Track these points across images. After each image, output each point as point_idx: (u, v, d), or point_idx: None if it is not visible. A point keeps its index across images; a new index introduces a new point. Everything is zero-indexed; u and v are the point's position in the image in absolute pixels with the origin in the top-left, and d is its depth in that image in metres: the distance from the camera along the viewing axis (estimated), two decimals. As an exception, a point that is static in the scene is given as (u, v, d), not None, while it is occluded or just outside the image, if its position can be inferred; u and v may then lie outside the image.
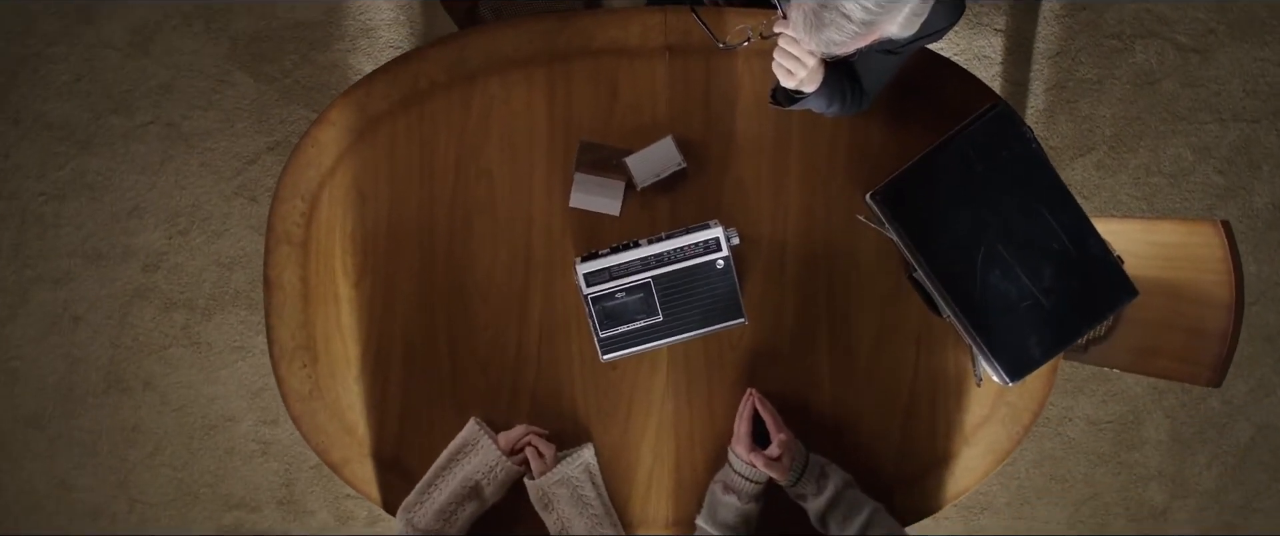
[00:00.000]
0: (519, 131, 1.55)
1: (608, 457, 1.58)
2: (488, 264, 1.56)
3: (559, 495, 1.51)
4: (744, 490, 1.48)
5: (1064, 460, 2.42)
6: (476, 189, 1.56)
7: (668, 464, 1.58)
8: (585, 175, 1.53)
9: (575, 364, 1.57)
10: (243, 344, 2.36)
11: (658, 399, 1.58)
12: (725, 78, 1.55)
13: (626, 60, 1.55)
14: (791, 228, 1.56)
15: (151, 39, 2.29)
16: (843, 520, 1.44)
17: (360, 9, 2.29)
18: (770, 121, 1.55)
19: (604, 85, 1.55)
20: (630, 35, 1.54)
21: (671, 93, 1.55)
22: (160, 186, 2.32)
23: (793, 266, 1.57)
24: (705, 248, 1.45)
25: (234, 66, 2.30)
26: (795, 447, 1.47)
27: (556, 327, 1.57)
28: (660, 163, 1.51)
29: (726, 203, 1.56)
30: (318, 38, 2.30)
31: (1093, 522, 2.43)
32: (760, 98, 1.54)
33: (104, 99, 2.30)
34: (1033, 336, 1.46)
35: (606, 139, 1.55)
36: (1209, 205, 2.36)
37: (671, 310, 1.47)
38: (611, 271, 1.45)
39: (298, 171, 1.56)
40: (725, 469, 1.52)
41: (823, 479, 1.47)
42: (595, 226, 1.56)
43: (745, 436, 1.48)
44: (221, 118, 2.31)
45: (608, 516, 1.55)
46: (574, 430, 1.58)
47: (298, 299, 1.56)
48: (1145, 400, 2.40)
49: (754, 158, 1.55)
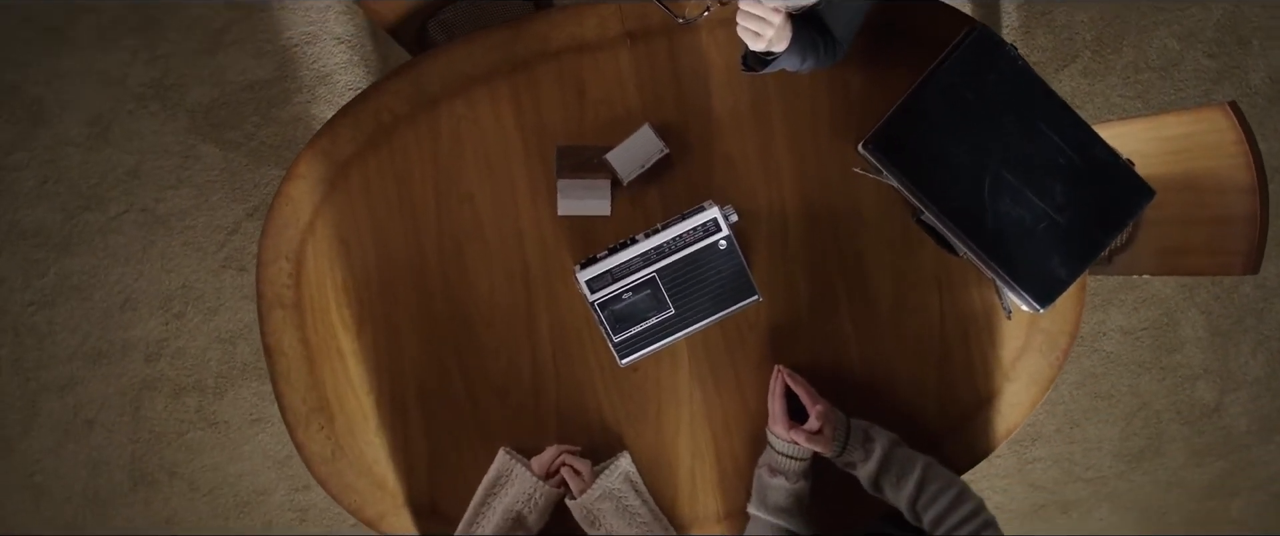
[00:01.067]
0: (493, 148, 1.51)
1: (646, 462, 1.53)
2: (486, 289, 1.51)
3: (604, 510, 1.47)
4: (790, 469, 1.43)
5: (1105, 376, 2.36)
6: (461, 215, 1.51)
7: (708, 457, 1.53)
8: (568, 180, 1.48)
9: (594, 373, 1.52)
10: (259, 415, 2.32)
11: (685, 393, 1.53)
12: (691, 54, 1.49)
13: (588, 55, 1.50)
14: (788, 194, 1.51)
15: (109, 127, 2.24)
16: (897, 481, 1.39)
17: (312, 58, 2.24)
18: (746, 90, 1.50)
19: (570, 85, 1.50)
20: (587, 30, 1.49)
21: (640, 80, 1.50)
22: (147, 274, 2.28)
23: (796, 233, 1.51)
24: (705, 231, 1.40)
25: (197, 139, 2.25)
26: (834, 416, 1.42)
27: (569, 340, 1.52)
28: (642, 153, 1.46)
29: (717, 181, 1.51)
30: (274, 95, 2.25)
31: (1146, 433, 2.38)
32: (731, 67, 1.49)
33: (74, 197, 2.26)
34: (1055, 257, 1.40)
35: (582, 139, 1.50)
36: (1205, 91, 2.30)
37: (682, 301, 1.42)
38: (613, 273, 1.41)
39: (276, 233, 1.51)
40: (767, 451, 1.47)
41: (868, 443, 1.42)
42: (589, 230, 1.51)
43: (781, 415, 1.43)
44: (195, 193, 2.27)
45: (657, 521, 1.50)
46: (606, 441, 1.53)
47: (302, 362, 1.52)
48: (1176, 300, 2.34)
49: (736, 130, 1.50)
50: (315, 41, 2.24)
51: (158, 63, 2.23)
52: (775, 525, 1.43)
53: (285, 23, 2.23)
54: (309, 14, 2.23)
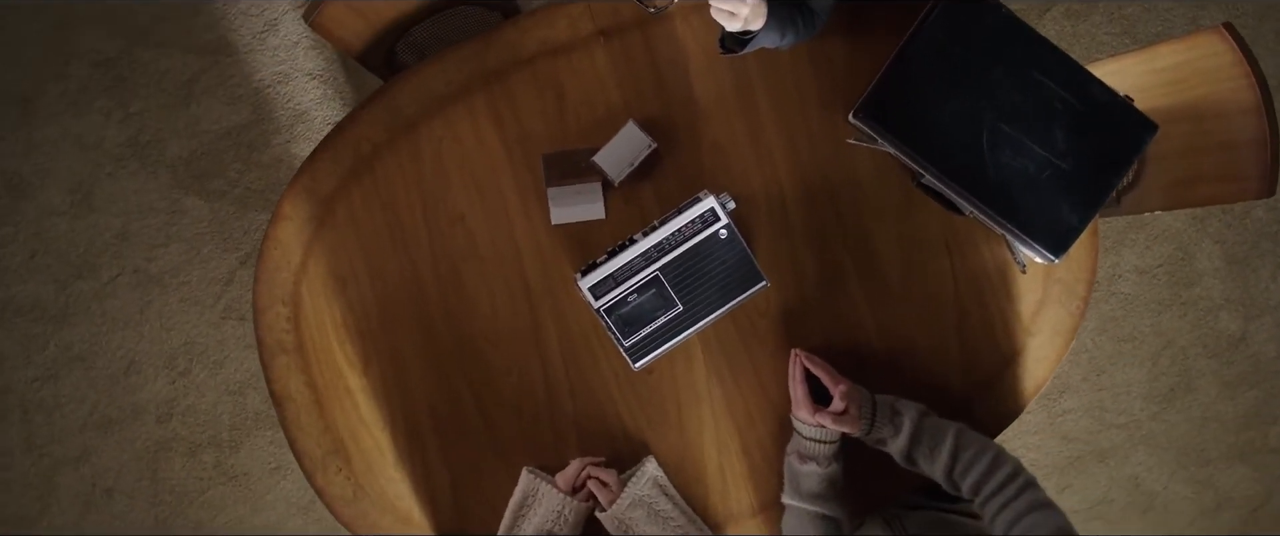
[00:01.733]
0: (477, 165, 1.47)
1: (672, 464, 1.50)
2: (488, 308, 1.48)
3: (636, 518, 1.43)
4: (820, 454, 1.40)
5: (1126, 319, 2.32)
6: (453, 237, 1.48)
7: (734, 452, 1.50)
8: (558, 188, 1.45)
9: (609, 381, 1.49)
10: (278, 463, 2.29)
11: (703, 390, 1.49)
12: (667, 43, 1.46)
13: (563, 58, 1.46)
14: (783, 174, 1.47)
15: (91, 192, 2.22)
16: (930, 452, 1.36)
17: (286, 97, 2.21)
18: (727, 73, 1.46)
19: (548, 90, 1.46)
20: (558, 32, 1.46)
21: (618, 76, 1.46)
22: (147, 335, 2.25)
23: (797, 212, 1.48)
24: (703, 222, 1.37)
25: (181, 193, 2.22)
26: (859, 394, 1.39)
27: (579, 350, 1.48)
28: (630, 150, 1.42)
29: (709, 169, 1.47)
30: (253, 138, 2.22)
31: (1174, 371, 2.34)
32: (709, 52, 1.46)
33: (65, 267, 2.23)
34: (1064, 205, 1.37)
35: (567, 144, 1.47)
36: (1191, 18, 2.26)
37: (689, 296, 1.39)
38: (615, 276, 1.37)
39: (269, 278, 1.48)
40: (794, 438, 1.43)
41: (896, 417, 1.38)
42: (585, 236, 1.48)
43: (804, 399, 1.39)
44: (185, 248, 2.23)
45: (691, 523, 1.47)
46: (630, 447, 1.50)
47: (311, 405, 1.48)
48: (1188, 233, 2.30)
49: (722, 115, 1.47)
50: (287, 80, 2.21)
51: (131, 121, 2.20)
52: (812, 512, 1.39)
53: (254, 65, 2.20)
54: (277, 53, 2.20)
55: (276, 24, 2.19)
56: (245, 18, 2.19)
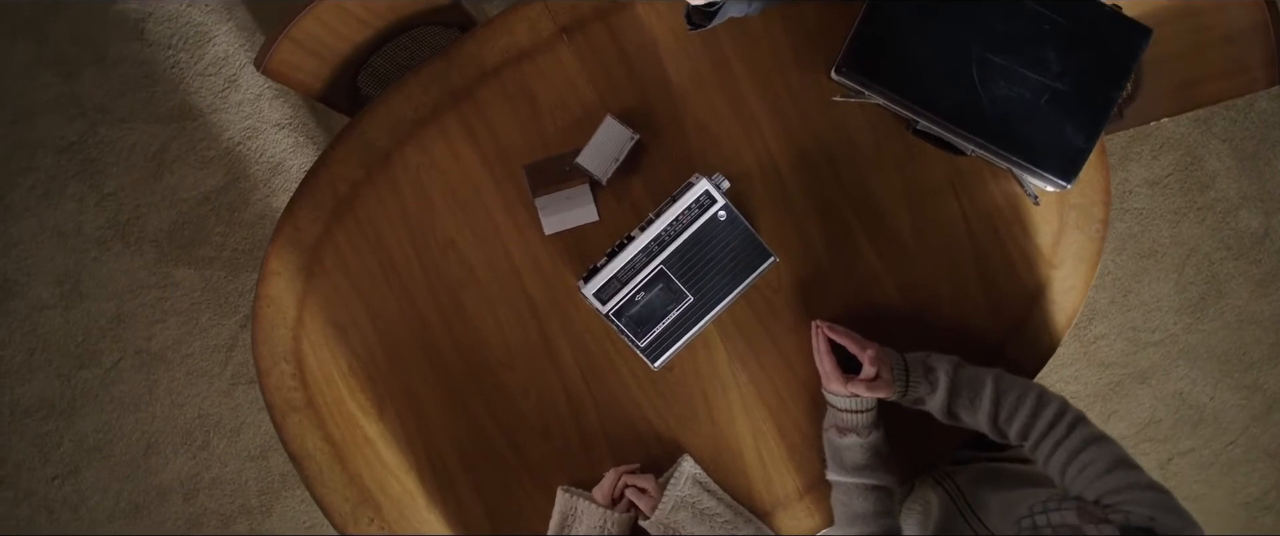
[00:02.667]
0: (459, 187, 1.42)
1: (709, 458, 1.45)
2: (495, 331, 1.43)
3: (681, 520, 1.38)
4: (858, 424, 1.34)
5: (1143, 234, 2.26)
6: (448, 264, 1.43)
7: (770, 436, 1.45)
8: (546, 197, 1.40)
9: (631, 385, 1.44)
10: (313, 521, 2.24)
11: (729, 378, 1.44)
12: (633, 30, 1.41)
13: (529, 63, 1.41)
14: (773, 144, 1.42)
15: (79, 280, 2.17)
16: (970, 404, 1.30)
17: (258, 152, 2.17)
18: (700, 50, 1.41)
19: (519, 99, 1.41)
20: (519, 37, 1.41)
21: (588, 72, 1.41)
22: (160, 414, 2.21)
23: (794, 181, 1.43)
24: (700, 207, 1.32)
25: (169, 266, 2.18)
26: (889, 357, 1.34)
27: (595, 359, 1.44)
28: (613, 146, 1.37)
29: (697, 152, 1.42)
30: (232, 199, 2.17)
31: (1201, 278, 2.28)
32: (677, 32, 1.40)
33: (66, 359, 2.19)
34: (1067, 127, 1.31)
35: (548, 150, 1.42)
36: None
37: (698, 285, 1.34)
38: (619, 277, 1.32)
39: (267, 338, 1.43)
40: (829, 412, 1.38)
41: (930, 373, 1.33)
42: (582, 241, 1.43)
43: (833, 371, 1.34)
44: (183, 321, 2.19)
45: (738, 516, 1.42)
46: (663, 449, 1.45)
47: (332, 460, 1.44)
48: (1194, 136, 2.24)
49: (702, 94, 1.41)
50: (256, 134, 2.16)
51: (107, 202, 2.16)
52: (860, 484, 1.34)
53: (221, 125, 2.15)
54: (242, 109, 2.15)
55: (236, 79, 2.15)
56: (204, 78, 2.14)
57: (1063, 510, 1.19)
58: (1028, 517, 1.22)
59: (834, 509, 1.39)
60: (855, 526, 1.35)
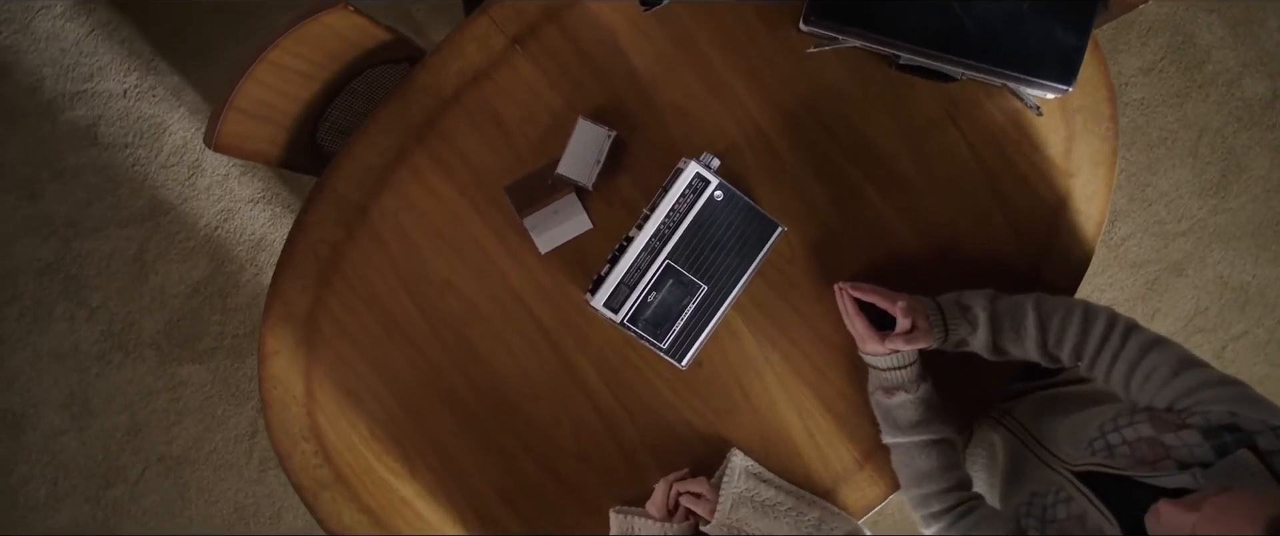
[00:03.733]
0: (443, 224, 1.36)
1: (758, 447, 1.38)
2: (511, 365, 1.37)
3: (743, 518, 1.32)
4: (904, 380, 1.28)
5: (1149, 124, 2.19)
6: (448, 306, 1.36)
7: (816, 412, 1.38)
8: (533, 215, 1.33)
9: (661, 389, 1.37)
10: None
11: (761, 360, 1.37)
12: (586, 25, 1.34)
13: (486, 81, 1.35)
14: (756, 111, 1.35)
15: (87, 400, 2.12)
16: (1015, 335, 1.24)
17: (237, 232, 2.11)
18: (660, 31, 1.34)
19: (484, 120, 1.35)
20: (471, 57, 1.34)
21: (549, 78, 1.35)
22: (197, 516, 2.15)
23: (785, 145, 1.36)
24: (694, 191, 1.25)
25: (174, 366, 2.12)
26: (921, 304, 1.27)
27: (619, 371, 1.37)
28: (591, 148, 1.31)
29: (679, 136, 1.35)
30: (221, 286, 2.12)
31: (1218, 156, 2.20)
32: (632, 15, 1.34)
33: (91, 481, 2.14)
34: (1056, 29, 1.24)
35: (525, 167, 1.35)
36: None
37: (709, 273, 1.27)
38: (626, 282, 1.25)
39: (281, 420, 1.37)
40: (872, 375, 1.31)
41: (967, 312, 1.26)
42: (580, 252, 1.36)
43: (867, 332, 1.27)
44: (199, 418, 2.14)
45: (801, 500, 1.35)
46: (708, 448, 1.38)
47: (373, 528, 1.38)
48: (1179, 14, 2.16)
49: (672, 75, 1.35)
50: (232, 215, 2.10)
51: (98, 315, 2.10)
52: (919, 442, 1.28)
53: (195, 213, 2.10)
54: (211, 192, 2.10)
55: (199, 164, 2.09)
56: (167, 170, 2.09)
57: (1135, 423, 1.13)
58: (1099, 438, 1.15)
59: (897, 472, 1.32)
60: (923, 485, 1.28)
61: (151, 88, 2.07)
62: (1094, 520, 1.11)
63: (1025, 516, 1.21)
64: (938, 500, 1.27)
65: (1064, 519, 1.14)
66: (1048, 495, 1.19)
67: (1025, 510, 1.21)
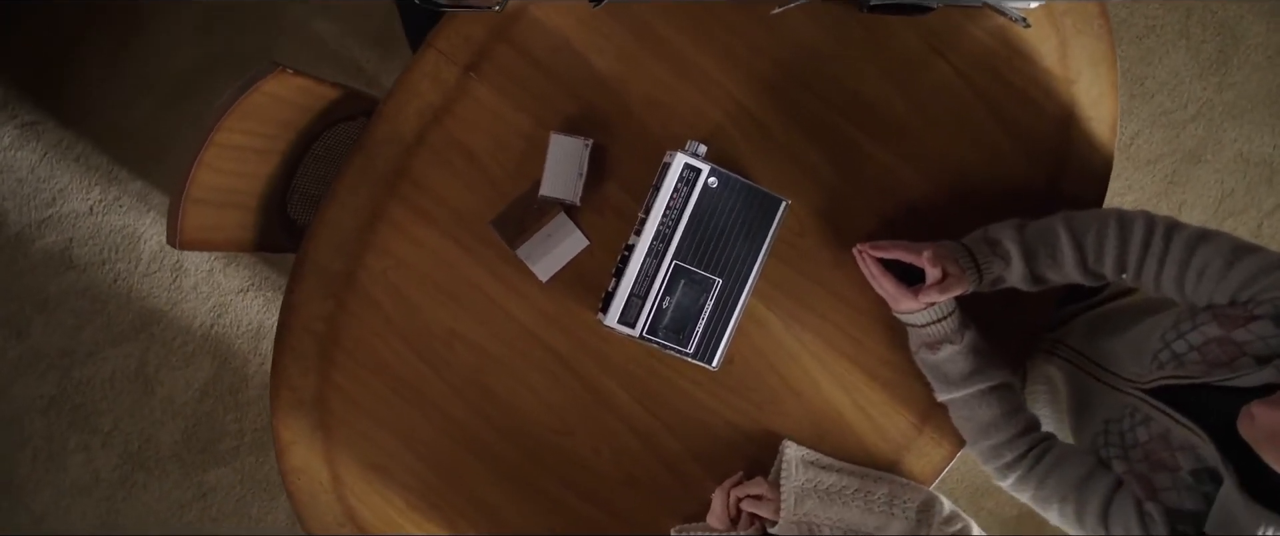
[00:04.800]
0: (435, 274, 1.29)
1: (810, 434, 1.31)
2: (536, 403, 1.30)
3: (810, 510, 1.24)
4: (946, 332, 1.20)
5: (1132, 16, 2.11)
6: (457, 357, 1.29)
7: (861, 384, 1.31)
8: (526, 244, 1.26)
9: (696, 394, 1.30)
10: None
11: (793, 344, 1.30)
12: (537, 36, 1.27)
13: (448, 118, 1.28)
14: (733, 88, 1.28)
15: (117, 525, 2.06)
16: (1052, 260, 1.16)
17: (234, 325, 2.04)
18: (615, 25, 1.27)
19: (454, 158, 1.28)
20: (426, 95, 1.27)
21: (512, 99, 1.28)
22: (254, 620, 2.09)
23: (770, 115, 1.28)
24: (686, 183, 1.18)
25: (199, 474, 2.06)
26: (947, 250, 1.19)
27: (648, 385, 1.30)
28: (570, 162, 1.24)
29: (659, 129, 1.28)
30: (229, 383, 2.05)
31: (1211, 33, 2.11)
32: (583, 15, 1.27)
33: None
34: (1025, -68, 1.17)
35: (507, 197, 1.28)
36: None
37: (720, 265, 1.20)
38: (636, 292, 1.18)
39: (311, 510, 1.30)
40: (912, 334, 1.24)
41: (997, 247, 1.18)
42: (582, 271, 1.29)
43: (897, 290, 1.20)
44: (236, 521, 2.07)
45: (867, 479, 1.28)
46: (758, 446, 1.31)
47: (430, 604, 1.31)
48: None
49: (637, 69, 1.28)
50: (225, 310, 2.04)
51: (112, 440, 2.04)
52: (975, 392, 1.20)
53: (187, 316, 2.03)
54: (199, 290, 2.03)
55: (181, 266, 2.03)
56: (150, 278, 2.03)
57: (1199, 326, 1.05)
58: (1163, 349, 1.08)
59: (959, 428, 1.25)
60: (990, 436, 1.20)
61: (116, 198, 2.02)
62: (1179, 436, 1.03)
63: (1103, 447, 1.13)
64: (1008, 449, 1.19)
65: (1146, 441, 1.07)
66: (1122, 420, 1.11)
67: (1102, 440, 1.14)
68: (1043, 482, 1.16)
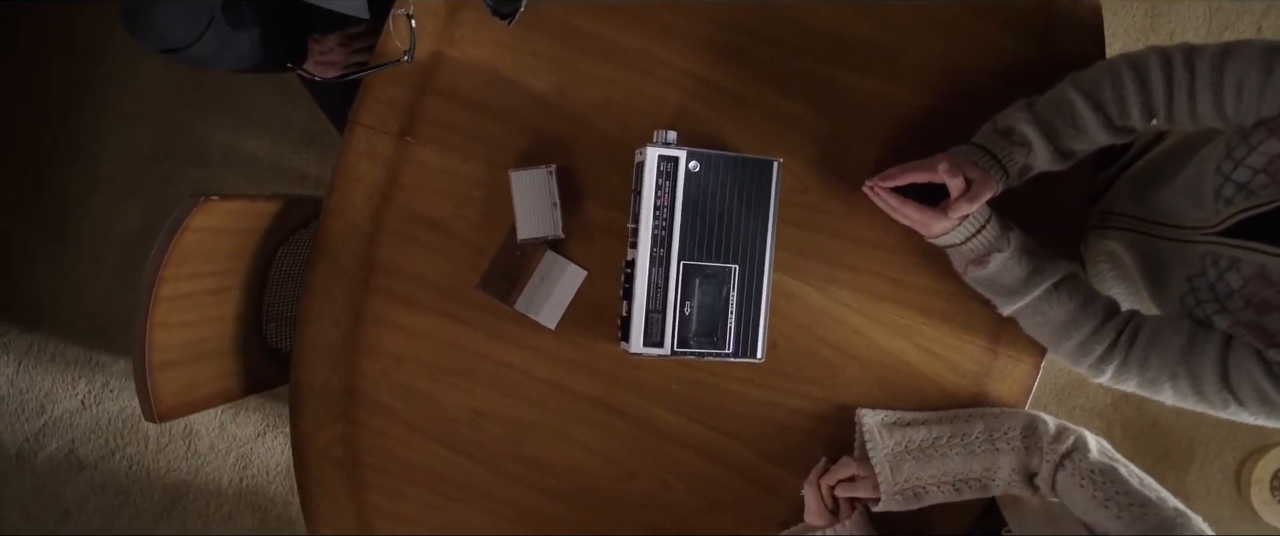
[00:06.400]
0: (438, 358, 1.19)
1: (881, 393, 1.20)
2: (587, 457, 1.19)
3: (908, 473, 1.13)
4: (989, 241, 1.09)
5: None
6: (489, 435, 1.19)
7: (917, 324, 1.20)
8: (522, 296, 1.16)
9: (750, 392, 1.19)
10: None
11: (832, 307, 1.19)
12: (460, 77, 1.17)
13: (396, 191, 1.18)
14: (682, 63, 1.18)
15: None
16: (1073, 131, 1.06)
17: (262, 473, 1.95)
18: (537, 37, 1.17)
19: (419, 231, 1.18)
20: (367, 176, 1.17)
21: (459, 151, 1.17)
22: None
23: (730, 79, 1.18)
24: (667, 175, 1.07)
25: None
26: (962, 154, 1.09)
27: (697, 398, 1.19)
28: (539, 196, 1.14)
29: (620, 131, 1.17)
30: (277, 526, 1.96)
31: None
32: (499, 39, 1.17)
33: None
34: None
35: (486, 253, 1.18)
36: None
37: (730, 250, 1.09)
38: (653, 309, 1.07)
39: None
40: (952, 254, 1.13)
41: (1011, 134, 1.08)
42: (589, 304, 1.18)
43: (924, 215, 1.09)
44: None
45: (956, 422, 1.16)
46: (832, 425, 1.20)
47: None
48: None
49: (574, 75, 1.17)
50: (249, 460, 1.95)
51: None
52: (1040, 293, 1.09)
53: (213, 477, 1.94)
54: (217, 449, 1.94)
55: (191, 431, 1.94)
56: (163, 454, 1.93)
57: (1257, 147, 0.95)
58: (1224, 183, 0.97)
59: (1036, 336, 1.13)
60: (1070, 334, 1.09)
61: (104, 385, 1.92)
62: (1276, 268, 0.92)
63: (1195, 307, 1.02)
64: (1095, 341, 1.07)
65: (1242, 286, 0.96)
66: (1206, 272, 1.00)
67: (1192, 300, 1.03)
68: (1145, 365, 1.04)
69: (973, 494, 1.13)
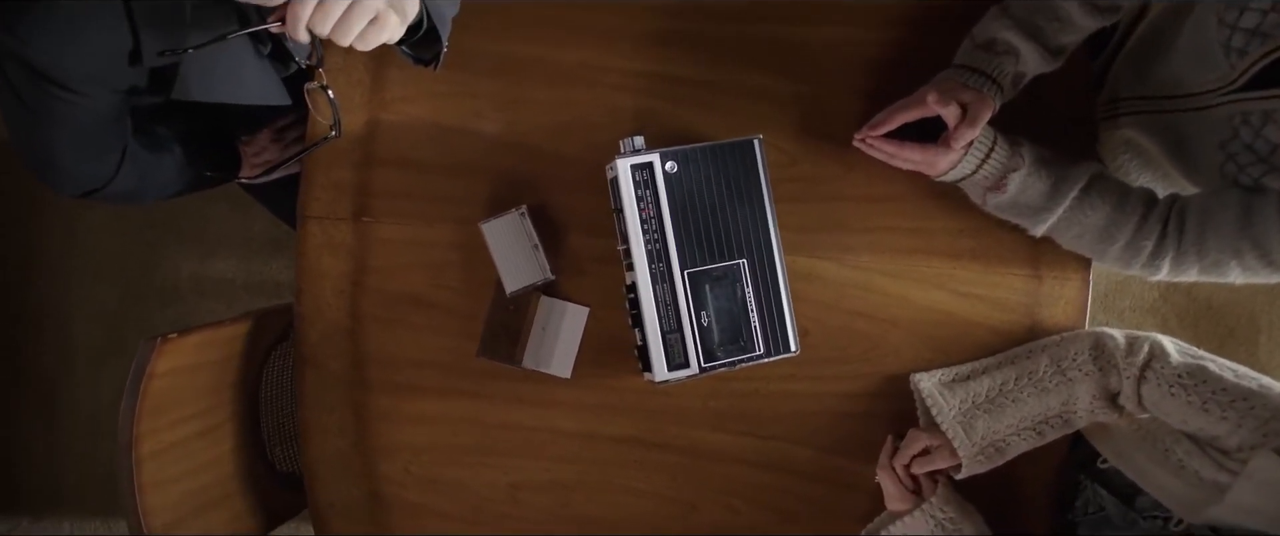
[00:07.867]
0: (456, 439, 1.10)
1: (932, 353, 1.11)
2: (641, 503, 1.10)
3: (985, 429, 1.04)
4: (1003, 163, 1.01)
5: None
6: (532, 507, 1.10)
7: (948, 270, 1.11)
8: (528, 352, 1.07)
9: (794, 386, 1.10)
10: None
11: (855, 274, 1.10)
12: (400, 140, 1.08)
13: (368, 278, 1.09)
14: (631, 63, 1.09)
15: None
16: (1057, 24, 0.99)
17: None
18: (470, 78, 1.09)
19: (402, 313, 1.09)
20: (333, 270, 1.09)
21: (421, 214, 1.09)
22: None
23: (685, 68, 1.09)
24: (645, 184, 0.98)
25: None
26: (948, 80, 1.01)
27: (739, 408, 1.10)
28: (517, 241, 1.05)
29: (584, 152, 1.09)
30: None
31: None
32: (433, 93, 1.08)
33: None
34: None
35: (477, 319, 1.09)
36: None
37: (732, 245, 1.00)
38: (668, 328, 0.98)
39: None
40: (968, 186, 1.04)
41: (994, 44, 1.01)
42: (601, 341, 1.09)
43: (925, 154, 1.01)
44: None
45: (1018, 363, 1.08)
46: (886, 402, 1.11)
47: None
48: None
49: (523, 108, 1.09)
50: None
51: None
52: (1072, 202, 1.00)
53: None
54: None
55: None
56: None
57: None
58: (1232, 32, 0.91)
59: (1076, 248, 1.04)
60: (1113, 237, 1.00)
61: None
62: (1316, 111, 0.84)
63: (1238, 173, 0.94)
64: (1142, 237, 0.99)
65: (1282, 137, 0.88)
66: (1239, 134, 0.92)
67: (1233, 167, 0.94)
68: (1202, 248, 0.95)
69: (1056, 433, 1.04)
